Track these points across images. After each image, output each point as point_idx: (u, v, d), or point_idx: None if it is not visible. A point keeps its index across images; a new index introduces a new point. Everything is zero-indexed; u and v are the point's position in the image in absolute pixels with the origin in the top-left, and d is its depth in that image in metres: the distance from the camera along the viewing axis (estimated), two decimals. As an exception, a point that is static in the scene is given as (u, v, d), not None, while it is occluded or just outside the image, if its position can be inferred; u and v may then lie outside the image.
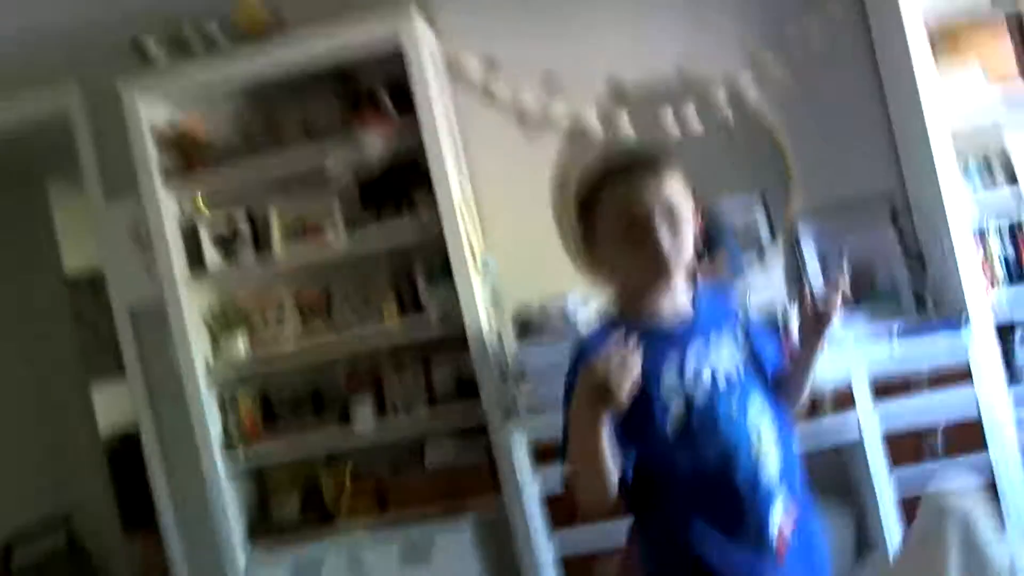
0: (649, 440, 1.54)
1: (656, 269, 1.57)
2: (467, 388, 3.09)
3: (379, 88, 3.15)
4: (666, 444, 1.54)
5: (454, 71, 3.29)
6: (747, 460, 1.55)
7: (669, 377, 1.56)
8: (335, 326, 3.28)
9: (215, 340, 3.28)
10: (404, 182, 3.15)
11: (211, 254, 3.26)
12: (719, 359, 1.61)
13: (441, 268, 3.08)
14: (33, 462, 4.39)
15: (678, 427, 1.54)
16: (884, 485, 2.71)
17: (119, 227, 3.49)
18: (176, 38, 3.21)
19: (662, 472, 1.55)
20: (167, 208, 3.21)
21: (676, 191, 1.58)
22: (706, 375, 1.58)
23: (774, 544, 1.55)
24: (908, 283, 3.08)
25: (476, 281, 3.06)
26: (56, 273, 5.01)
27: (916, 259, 3.09)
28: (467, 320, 3.02)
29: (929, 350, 2.73)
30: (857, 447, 2.78)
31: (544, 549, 2.83)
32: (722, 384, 1.58)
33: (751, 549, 1.55)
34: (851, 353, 2.78)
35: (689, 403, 1.55)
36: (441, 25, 3.28)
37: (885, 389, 2.72)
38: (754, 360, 1.66)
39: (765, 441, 1.58)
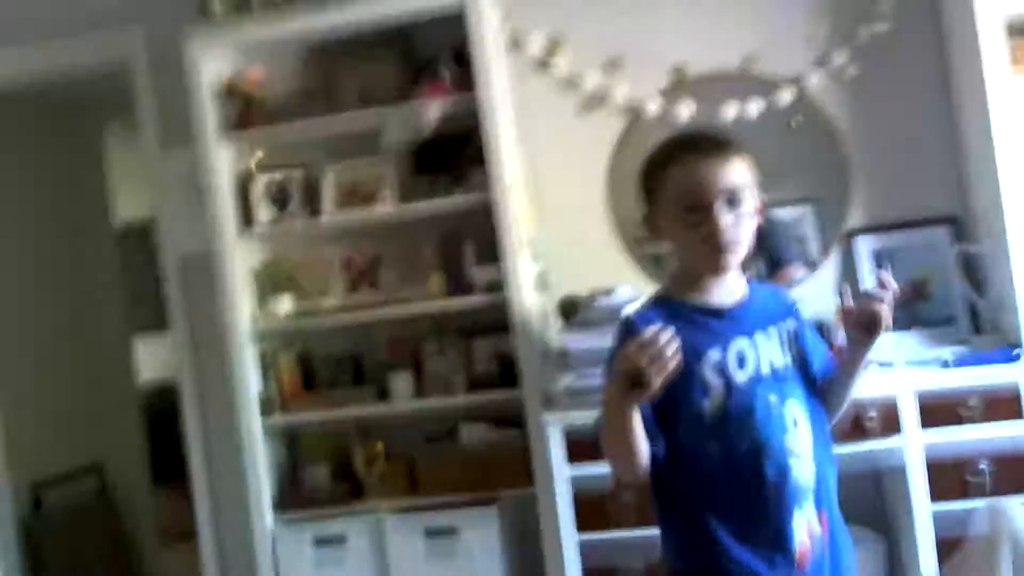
0: (682, 422, 1.53)
1: (714, 251, 1.54)
2: (508, 370, 3.04)
3: (440, 55, 3.11)
4: (699, 428, 1.53)
5: (517, 44, 3.24)
6: (778, 457, 1.52)
7: (712, 357, 1.54)
8: (380, 292, 3.27)
9: (261, 297, 3.28)
10: (459, 153, 3.11)
11: (263, 210, 3.25)
12: (764, 351, 1.58)
13: (490, 244, 3.03)
14: (70, 408, 4.40)
15: (715, 410, 1.53)
16: (924, 518, 2.60)
17: (174, 177, 3.48)
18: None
19: (690, 458, 1.54)
20: (222, 161, 3.21)
21: (741, 177, 1.56)
22: (749, 363, 1.56)
23: (795, 550, 1.53)
24: (966, 307, 2.98)
25: (524, 261, 3.01)
26: (107, 220, 5.07)
27: (976, 283, 2.98)
28: (512, 300, 2.97)
29: (981, 378, 2.62)
30: (898, 475, 2.69)
31: (570, 545, 2.78)
32: (764, 375, 1.56)
33: (771, 551, 1.52)
34: (900, 375, 2.69)
35: (728, 387, 1.53)
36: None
37: (932, 416, 2.62)
38: (800, 360, 1.63)
39: (800, 442, 1.55)
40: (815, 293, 3.02)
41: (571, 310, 2.94)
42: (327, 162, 3.29)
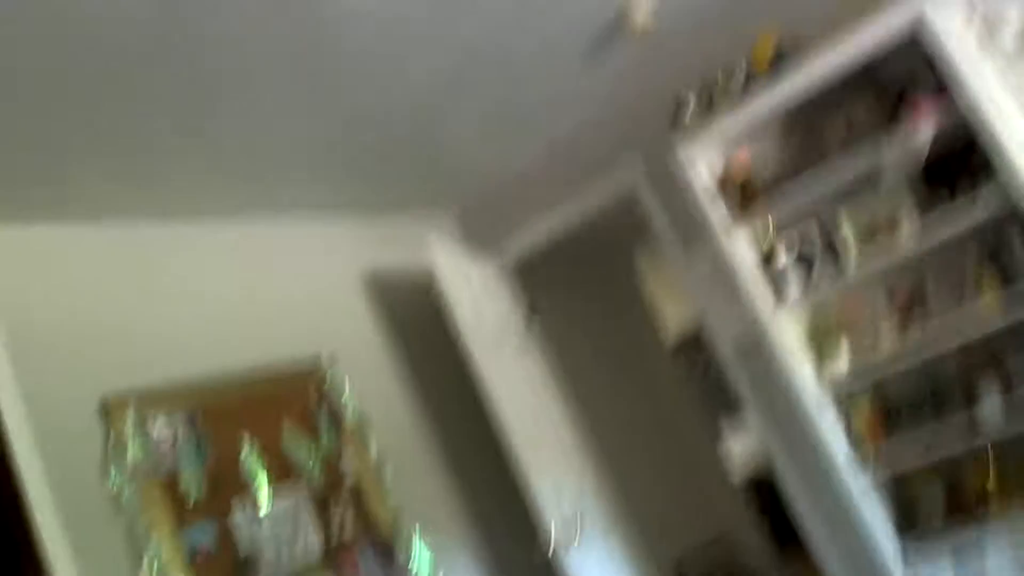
0: None
1: None
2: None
3: (912, 76, 3.06)
4: None
5: (992, 32, 3.04)
6: None
7: None
8: (935, 321, 3.19)
9: (818, 359, 3.35)
10: (965, 163, 2.99)
11: (792, 277, 3.34)
12: None
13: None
14: (686, 496, 5.13)
15: None
16: None
17: (702, 275, 3.76)
18: (706, 90, 3.52)
19: None
20: (739, 246, 3.38)
21: None
22: None
23: None
24: None
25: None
26: (656, 333, 5.67)
27: None
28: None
29: None
30: None
31: None
32: None
33: None
34: None
35: None
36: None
37: None
38: None
39: None
40: None
41: None
42: (836, 211, 3.33)
